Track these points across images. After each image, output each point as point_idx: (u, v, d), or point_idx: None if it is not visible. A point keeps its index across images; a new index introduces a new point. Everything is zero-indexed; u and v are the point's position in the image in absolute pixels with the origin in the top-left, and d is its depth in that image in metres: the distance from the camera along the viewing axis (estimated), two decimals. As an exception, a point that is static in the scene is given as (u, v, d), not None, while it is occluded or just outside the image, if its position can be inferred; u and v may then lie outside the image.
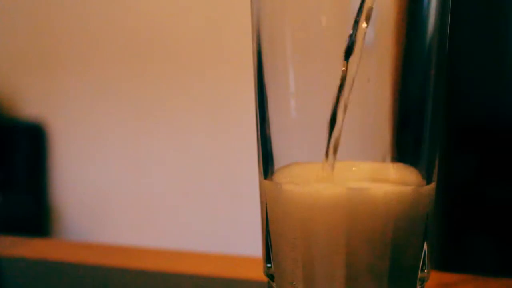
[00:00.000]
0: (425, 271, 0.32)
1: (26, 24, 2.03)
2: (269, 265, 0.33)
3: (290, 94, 0.31)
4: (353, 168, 0.31)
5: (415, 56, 0.31)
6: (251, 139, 0.42)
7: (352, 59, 0.29)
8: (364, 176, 0.31)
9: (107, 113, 1.91)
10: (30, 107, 2.02)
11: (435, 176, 0.32)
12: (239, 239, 1.48)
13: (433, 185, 0.32)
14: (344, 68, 0.29)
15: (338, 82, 0.30)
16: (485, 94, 1.38)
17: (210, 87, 1.75)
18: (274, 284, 0.32)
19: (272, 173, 0.32)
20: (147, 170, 1.86)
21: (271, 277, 0.33)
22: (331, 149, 0.30)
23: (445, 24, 0.31)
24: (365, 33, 0.29)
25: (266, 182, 0.32)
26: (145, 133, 1.86)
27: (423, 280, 0.32)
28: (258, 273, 0.36)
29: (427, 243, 0.31)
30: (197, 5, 1.77)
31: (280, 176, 0.32)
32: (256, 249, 0.36)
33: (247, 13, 0.33)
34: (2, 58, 2.08)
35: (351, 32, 0.29)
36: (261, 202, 0.33)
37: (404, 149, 0.32)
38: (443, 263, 1.19)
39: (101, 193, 1.93)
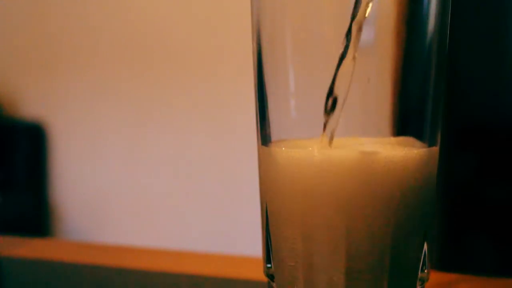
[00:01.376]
0: (425, 271, 0.32)
1: (26, 24, 2.03)
2: (269, 265, 0.33)
3: (290, 94, 0.31)
4: (355, 141, 0.31)
5: (415, 56, 0.31)
6: (251, 139, 0.42)
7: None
8: (368, 144, 0.31)
9: (107, 113, 1.91)
10: (30, 107, 2.02)
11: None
12: (239, 239, 1.48)
13: (437, 148, 0.32)
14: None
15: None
16: (485, 94, 1.38)
17: (210, 87, 1.75)
18: (274, 284, 0.32)
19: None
20: (147, 170, 1.86)
21: (271, 277, 0.33)
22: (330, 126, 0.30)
23: (445, 24, 0.31)
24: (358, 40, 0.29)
25: (267, 150, 0.32)
26: (145, 133, 1.86)
27: (423, 280, 0.32)
28: (258, 273, 0.36)
29: (427, 243, 0.31)
30: (197, 5, 1.77)
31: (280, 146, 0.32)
32: (256, 249, 0.36)
33: (247, 13, 0.33)
34: (2, 58, 2.08)
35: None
36: (261, 203, 0.33)
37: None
38: (443, 263, 1.19)
39: (101, 193, 1.93)
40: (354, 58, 0.29)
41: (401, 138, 0.31)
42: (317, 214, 0.30)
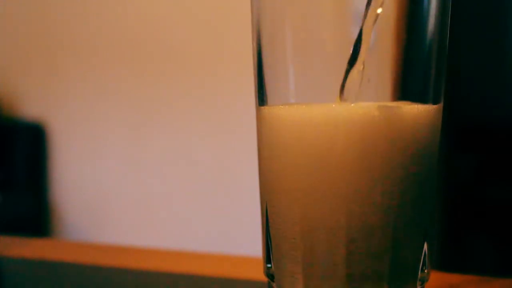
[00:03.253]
0: (425, 271, 0.32)
1: (26, 25, 2.03)
2: (269, 265, 0.33)
3: (290, 94, 0.31)
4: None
5: (415, 56, 0.31)
6: (251, 139, 0.42)
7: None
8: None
9: (107, 113, 1.91)
10: (30, 107, 2.03)
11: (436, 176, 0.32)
12: (239, 239, 1.48)
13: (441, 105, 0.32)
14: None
15: (338, 82, 0.30)
16: (485, 94, 1.38)
17: (210, 87, 1.75)
18: (274, 284, 0.32)
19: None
20: (147, 170, 1.86)
21: (271, 277, 0.33)
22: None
23: (445, 24, 0.31)
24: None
25: (275, 109, 0.32)
26: (145, 133, 1.86)
27: (423, 280, 0.32)
28: (258, 273, 0.36)
29: (427, 243, 0.31)
30: (197, 5, 1.77)
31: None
32: (256, 249, 0.36)
33: (247, 13, 0.33)
34: (2, 58, 2.08)
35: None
36: (261, 203, 0.33)
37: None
38: (443, 263, 1.19)
39: (101, 193, 1.93)
40: (363, 64, 0.29)
41: (403, 102, 0.31)
42: (344, 145, 0.29)
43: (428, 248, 0.31)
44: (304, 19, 0.31)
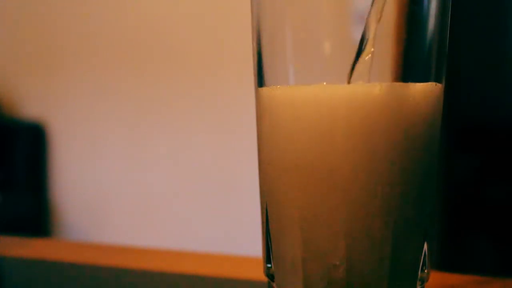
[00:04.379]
0: (425, 271, 0.32)
1: (26, 25, 2.03)
2: (269, 265, 0.33)
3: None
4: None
5: (415, 56, 0.31)
6: (251, 139, 0.42)
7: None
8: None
9: (107, 113, 1.91)
10: (30, 107, 2.02)
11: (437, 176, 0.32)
12: (239, 239, 1.48)
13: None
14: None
15: (337, 82, 0.30)
16: (485, 94, 1.38)
17: (210, 87, 1.75)
18: (274, 284, 0.32)
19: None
20: (147, 170, 1.86)
21: (271, 277, 0.33)
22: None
23: (445, 24, 0.31)
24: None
25: (274, 89, 0.31)
26: (145, 133, 1.86)
27: (423, 280, 0.32)
28: (258, 273, 0.36)
29: (427, 243, 0.31)
30: (197, 5, 1.77)
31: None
32: (256, 249, 0.36)
33: (247, 13, 0.33)
34: (2, 58, 2.08)
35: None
36: (261, 203, 0.33)
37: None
38: (443, 263, 1.19)
39: (101, 193, 1.93)
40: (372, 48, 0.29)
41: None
42: (348, 124, 0.29)
43: (428, 248, 0.31)
44: (304, 19, 0.31)
